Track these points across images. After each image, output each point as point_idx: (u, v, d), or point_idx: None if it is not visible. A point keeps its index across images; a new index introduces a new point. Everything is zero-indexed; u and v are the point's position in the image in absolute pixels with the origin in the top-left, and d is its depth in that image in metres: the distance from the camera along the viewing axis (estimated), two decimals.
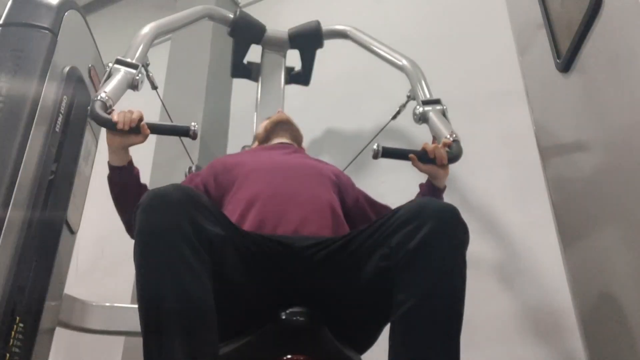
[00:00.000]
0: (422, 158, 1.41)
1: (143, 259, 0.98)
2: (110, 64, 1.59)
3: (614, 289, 1.01)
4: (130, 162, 1.41)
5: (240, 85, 2.68)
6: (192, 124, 1.39)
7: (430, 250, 1.01)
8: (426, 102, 1.72)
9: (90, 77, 1.61)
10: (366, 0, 2.80)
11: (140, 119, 1.33)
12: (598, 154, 1.05)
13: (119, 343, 2.26)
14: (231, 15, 2.22)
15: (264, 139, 1.73)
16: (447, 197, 1.50)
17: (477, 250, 1.07)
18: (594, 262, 1.10)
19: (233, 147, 2.72)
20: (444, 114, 1.67)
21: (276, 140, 1.70)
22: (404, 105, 1.95)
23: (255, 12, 2.37)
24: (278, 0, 3.08)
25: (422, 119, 1.69)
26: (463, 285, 1.01)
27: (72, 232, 1.57)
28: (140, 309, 0.96)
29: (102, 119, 1.36)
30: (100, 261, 2.68)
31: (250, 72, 2.40)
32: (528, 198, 1.91)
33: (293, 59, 2.40)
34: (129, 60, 1.62)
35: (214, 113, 2.79)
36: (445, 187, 1.47)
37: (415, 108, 1.72)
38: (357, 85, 2.57)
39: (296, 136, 1.75)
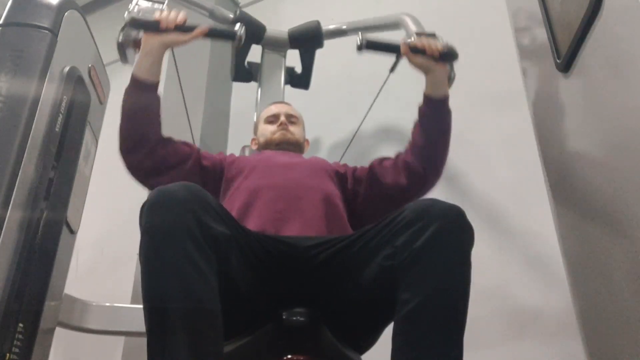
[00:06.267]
0: (412, 50, 1.32)
1: (149, 257, 0.97)
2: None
3: (615, 289, 1.01)
4: (158, 83, 1.32)
5: (240, 85, 2.68)
6: (238, 25, 1.35)
7: (435, 250, 1.01)
8: (420, 34, 1.60)
9: (90, 77, 1.61)
10: (366, 1, 2.79)
11: (185, 20, 1.30)
12: (598, 153, 1.05)
13: (119, 343, 2.27)
14: (231, 15, 2.22)
15: (262, 148, 1.73)
16: (447, 197, 1.50)
17: (477, 249, 1.07)
18: (594, 262, 1.10)
19: (233, 147, 2.72)
20: None
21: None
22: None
23: (255, 12, 2.38)
24: (278, 0, 3.08)
25: None
26: (467, 286, 1.01)
27: (72, 232, 1.57)
28: (145, 307, 0.95)
29: (142, 21, 1.29)
30: (100, 261, 2.68)
31: (250, 75, 2.40)
32: (528, 198, 1.91)
33: (293, 59, 2.39)
34: None
35: (214, 113, 2.79)
36: (447, 97, 1.40)
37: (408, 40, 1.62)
38: (357, 85, 2.57)
39: (298, 145, 1.74)
